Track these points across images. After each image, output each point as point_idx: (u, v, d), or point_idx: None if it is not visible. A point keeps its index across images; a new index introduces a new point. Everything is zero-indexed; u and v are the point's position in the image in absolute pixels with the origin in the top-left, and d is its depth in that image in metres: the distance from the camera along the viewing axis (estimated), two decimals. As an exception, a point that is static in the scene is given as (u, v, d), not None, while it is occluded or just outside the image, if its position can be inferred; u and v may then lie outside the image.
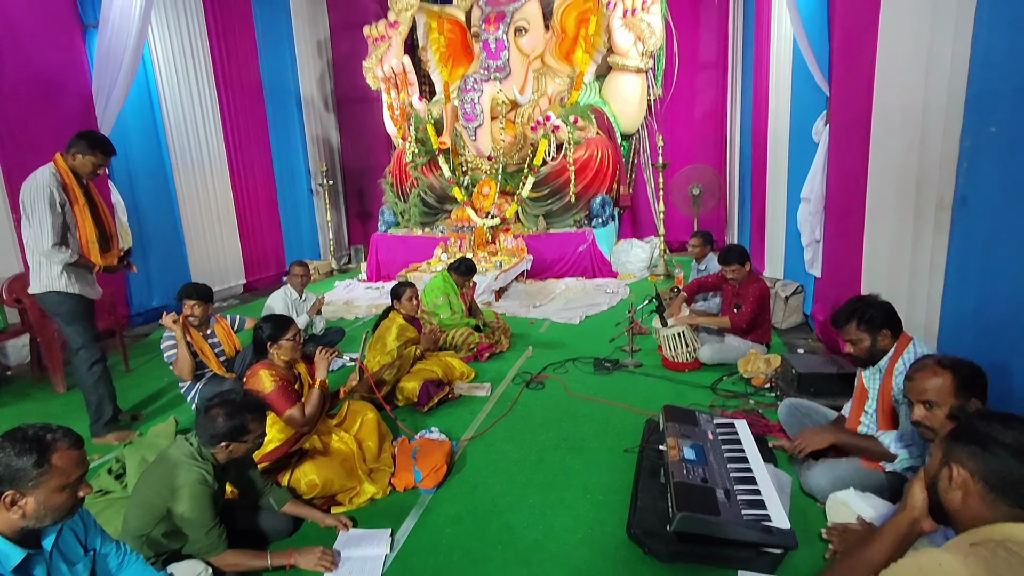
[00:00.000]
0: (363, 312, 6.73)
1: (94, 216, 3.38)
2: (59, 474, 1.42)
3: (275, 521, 2.45)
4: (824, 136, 4.53)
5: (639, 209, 10.00)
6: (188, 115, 7.40)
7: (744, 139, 8.36)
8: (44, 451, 1.40)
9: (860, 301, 2.47)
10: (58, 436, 1.45)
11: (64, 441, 1.45)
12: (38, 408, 4.14)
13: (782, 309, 5.20)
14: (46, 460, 1.40)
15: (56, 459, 1.42)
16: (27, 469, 1.37)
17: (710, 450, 2.58)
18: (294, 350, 2.89)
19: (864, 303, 2.44)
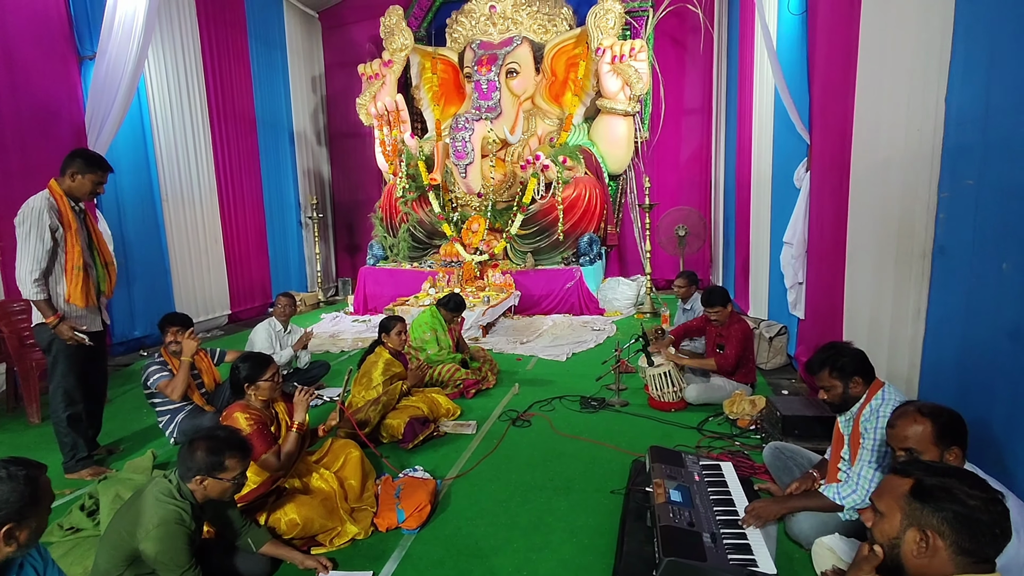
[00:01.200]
0: (349, 345, 6.68)
1: (90, 244, 3.35)
2: (46, 500, 1.47)
3: (252, 563, 2.37)
4: (805, 182, 4.66)
5: (626, 248, 10.13)
6: (180, 146, 7.44)
7: (728, 182, 8.55)
8: (34, 482, 1.44)
9: (832, 349, 2.50)
10: (35, 467, 1.49)
11: (39, 469, 1.49)
12: (9, 439, 4.03)
13: (766, 350, 5.25)
14: (37, 489, 1.43)
15: (43, 489, 1.47)
16: (25, 502, 1.40)
17: (696, 492, 2.57)
18: (272, 390, 2.81)
19: (836, 351, 2.47)
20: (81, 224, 3.29)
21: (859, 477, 2.29)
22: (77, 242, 3.22)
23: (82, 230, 3.29)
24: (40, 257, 3.09)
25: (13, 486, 1.39)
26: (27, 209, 3.11)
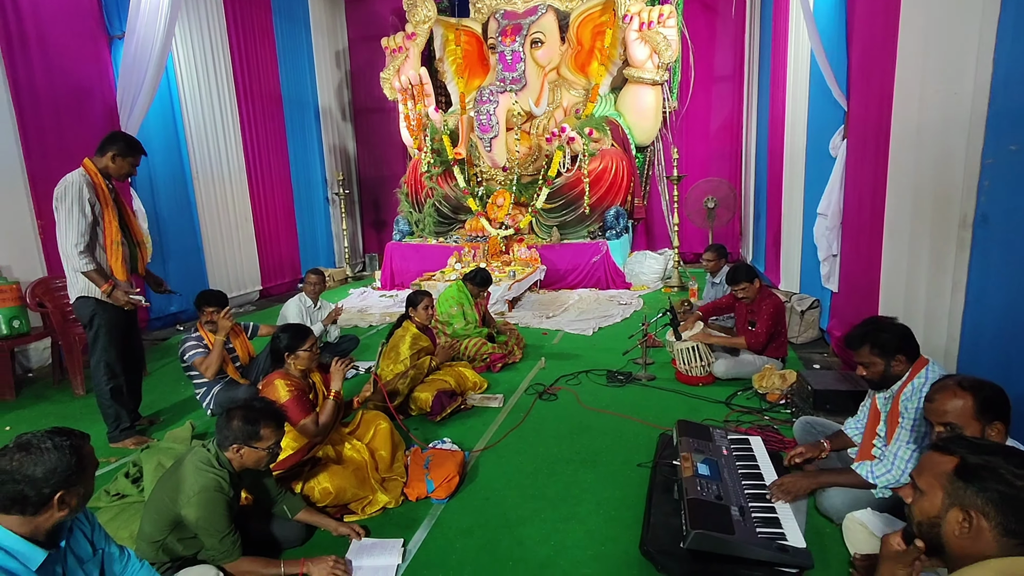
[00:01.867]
0: (377, 320, 6.77)
1: (121, 223, 3.44)
2: (91, 466, 1.54)
3: (288, 529, 2.46)
4: (841, 151, 4.51)
5: (653, 221, 9.98)
6: (209, 124, 7.52)
7: (760, 152, 8.33)
8: (79, 451, 1.50)
9: (874, 324, 2.40)
10: (78, 437, 1.54)
11: (82, 438, 1.55)
12: (57, 410, 4.21)
13: (798, 323, 5.16)
14: (83, 456, 1.50)
15: (87, 455, 1.52)
16: (72, 471, 1.46)
17: (724, 466, 2.56)
18: (311, 360, 2.92)
19: (878, 327, 2.38)
20: (114, 202, 3.38)
21: (895, 457, 2.24)
22: (113, 218, 3.33)
23: (115, 208, 3.38)
24: (84, 230, 3.19)
25: (60, 456, 1.45)
26: (66, 184, 3.20)
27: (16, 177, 5.04)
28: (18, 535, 1.42)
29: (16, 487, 1.40)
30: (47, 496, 1.43)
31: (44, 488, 1.42)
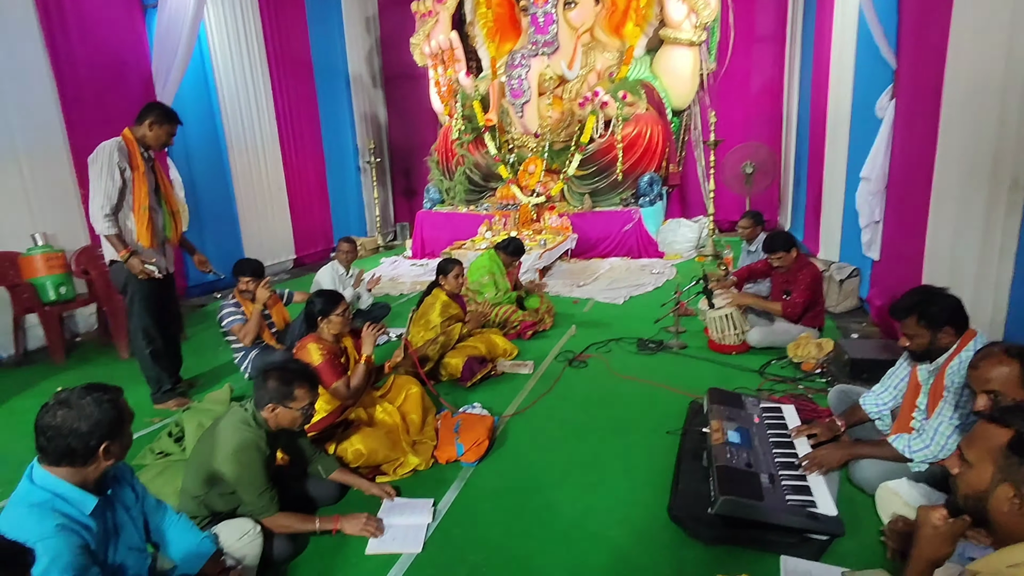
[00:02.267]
0: (408, 288, 6.83)
1: (156, 191, 3.51)
2: (128, 417, 1.62)
3: (323, 488, 2.54)
4: (889, 112, 4.29)
5: (688, 188, 9.75)
6: (242, 93, 7.58)
7: (802, 115, 8.01)
8: (116, 403, 1.57)
9: (924, 294, 2.29)
10: (114, 391, 1.61)
11: (117, 392, 1.62)
12: (104, 373, 4.40)
13: (836, 292, 5.01)
14: (121, 411, 1.57)
15: (123, 408, 1.59)
16: (114, 422, 1.54)
17: (755, 434, 2.53)
18: (343, 325, 2.97)
19: (928, 297, 2.26)
20: (149, 170, 3.45)
21: (935, 432, 2.17)
22: (144, 184, 3.39)
23: (150, 175, 3.45)
24: (111, 194, 3.27)
25: (103, 409, 1.53)
26: (99, 149, 3.29)
27: (59, 148, 5.18)
28: (71, 484, 1.51)
29: (64, 441, 1.47)
30: (93, 448, 1.50)
31: (90, 441, 1.49)
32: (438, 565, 2.14)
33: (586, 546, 2.20)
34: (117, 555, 1.61)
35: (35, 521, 1.41)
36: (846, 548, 2.08)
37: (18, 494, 1.50)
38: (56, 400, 1.52)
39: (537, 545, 2.22)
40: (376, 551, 2.22)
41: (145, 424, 3.45)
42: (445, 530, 2.34)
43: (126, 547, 1.64)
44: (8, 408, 3.81)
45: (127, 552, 1.65)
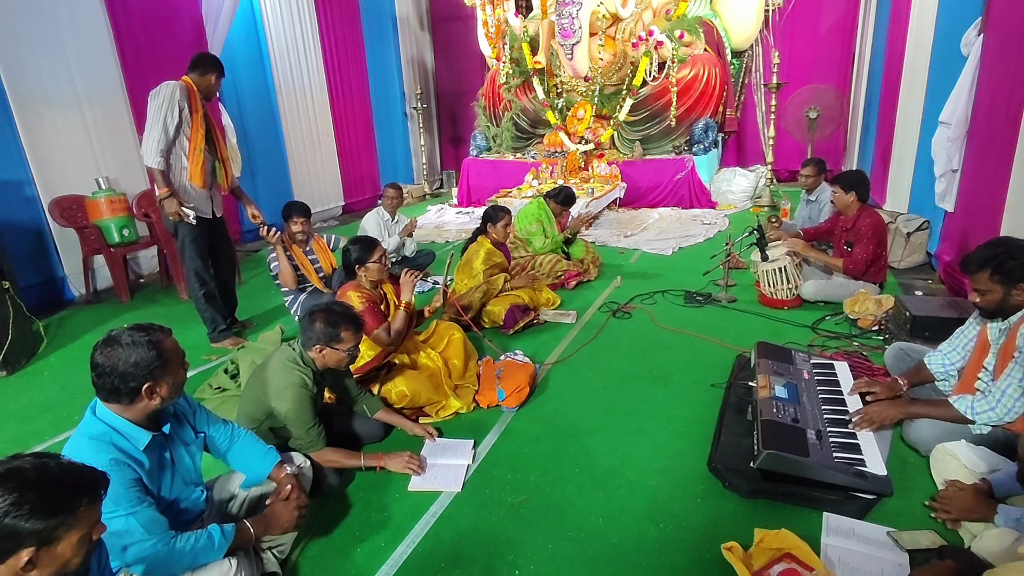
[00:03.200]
0: (453, 236, 6.85)
1: (208, 138, 3.59)
2: (175, 358, 1.62)
3: (368, 426, 2.62)
4: (976, 48, 3.91)
5: (746, 135, 9.29)
6: (289, 36, 7.55)
7: (876, 54, 7.41)
8: (158, 345, 1.58)
9: (1001, 247, 2.10)
10: (156, 330, 1.62)
11: (161, 333, 1.62)
12: (165, 312, 4.63)
13: (902, 246, 4.73)
14: (162, 351, 1.58)
15: (167, 347, 1.60)
16: (153, 364, 1.55)
17: (804, 390, 2.45)
18: (380, 272, 2.98)
19: (1005, 250, 2.08)
20: (204, 117, 3.53)
21: (1002, 394, 2.03)
22: (200, 127, 3.48)
23: (204, 121, 3.53)
24: (169, 129, 3.35)
25: (139, 351, 1.54)
26: (163, 86, 3.37)
27: (117, 94, 5.32)
28: (125, 419, 1.58)
29: (109, 379, 1.52)
30: (135, 389, 1.54)
31: (131, 382, 1.53)
32: (477, 504, 2.19)
33: (623, 493, 2.21)
34: (173, 489, 1.68)
35: (92, 453, 1.48)
36: (893, 508, 2.02)
37: (82, 425, 1.57)
38: (104, 339, 1.56)
39: (574, 490, 2.25)
40: (418, 488, 2.29)
41: (203, 361, 3.63)
42: (484, 472, 2.39)
43: (182, 481, 1.71)
44: (82, 343, 4.07)
45: (183, 486, 1.72)
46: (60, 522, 1.07)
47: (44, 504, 1.05)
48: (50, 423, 2.99)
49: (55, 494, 1.08)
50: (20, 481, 1.05)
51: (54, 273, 4.88)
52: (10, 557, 1.04)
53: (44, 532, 1.05)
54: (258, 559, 1.80)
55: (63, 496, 1.09)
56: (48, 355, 3.86)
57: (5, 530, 1.02)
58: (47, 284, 4.81)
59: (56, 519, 1.06)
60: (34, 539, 1.04)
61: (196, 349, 3.78)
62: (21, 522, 1.03)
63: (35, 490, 1.05)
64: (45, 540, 1.06)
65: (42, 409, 3.14)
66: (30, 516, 1.03)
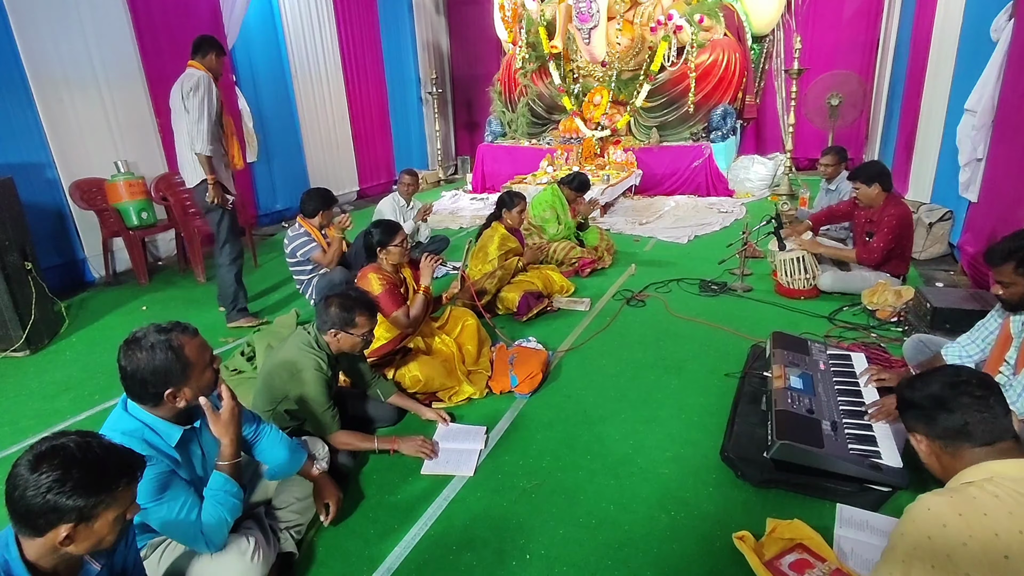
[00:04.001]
0: (467, 222, 6.84)
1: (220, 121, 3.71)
2: (198, 361, 1.58)
3: (381, 410, 2.65)
4: (1006, 33, 3.79)
5: (765, 122, 9.14)
6: (306, 22, 7.54)
7: (901, 39, 7.23)
8: (179, 350, 1.53)
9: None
10: (177, 332, 1.56)
11: (185, 335, 1.57)
12: (183, 295, 4.69)
13: (924, 237, 4.65)
14: (183, 356, 1.54)
15: (189, 352, 1.55)
16: (173, 369, 1.52)
17: (820, 381, 2.43)
18: (402, 255, 3.01)
19: None
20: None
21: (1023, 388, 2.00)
22: (227, 113, 3.66)
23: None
24: (213, 118, 3.57)
25: (159, 356, 1.50)
26: (198, 79, 3.53)
27: (135, 78, 5.35)
28: (155, 415, 1.57)
29: (134, 384, 1.52)
30: (157, 394, 1.52)
31: (151, 389, 1.51)
32: (488, 489, 2.21)
33: (634, 480, 2.22)
34: (207, 474, 1.67)
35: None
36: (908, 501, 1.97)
37: (113, 420, 1.56)
38: (128, 340, 1.53)
39: (585, 476, 2.26)
40: (430, 472, 2.31)
41: (220, 343, 3.68)
42: (496, 457, 2.41)
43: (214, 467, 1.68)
44: (103, 324, 4.14)
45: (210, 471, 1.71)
46: (100, 500, 1.10)
47: (87, 482, 1.08)
48: (71, 402, 3.05)
49: (97, 473, 1.10)
50: (65, 458, 1.08)
51: (75, 255, 4.96)
52: (50, 531, 1.07)
53: (84, 509, 1.08)
54: (275, 539, 1.83)
55: (105, 475, 1.11)
56: (70, 335, 3.93)
57: (48, 505, 1.05)
58: (68, 266, 4.89)
59: (97, 497, 1.09)
60: (74, 515, 1.07)
61: (213, 331, 3.82)
62: (63, 499, 1.06)
63: (79, 468, 1.08)
64: (85, 517, 1.09)
65: (63, 388, 3.21)
66: (72, 493, 1.06)
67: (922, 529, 1.12)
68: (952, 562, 1.06)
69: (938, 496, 1.16)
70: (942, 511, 1.11)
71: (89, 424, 2.85)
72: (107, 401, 3.03)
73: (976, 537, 1.06)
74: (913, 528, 1.14)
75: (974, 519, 1.08)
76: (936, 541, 1.09)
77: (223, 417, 1.63)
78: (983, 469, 1.19)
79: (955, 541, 1.07)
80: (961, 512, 1.09)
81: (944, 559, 1.07)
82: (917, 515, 1.15)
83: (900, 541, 1.16)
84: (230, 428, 1.64)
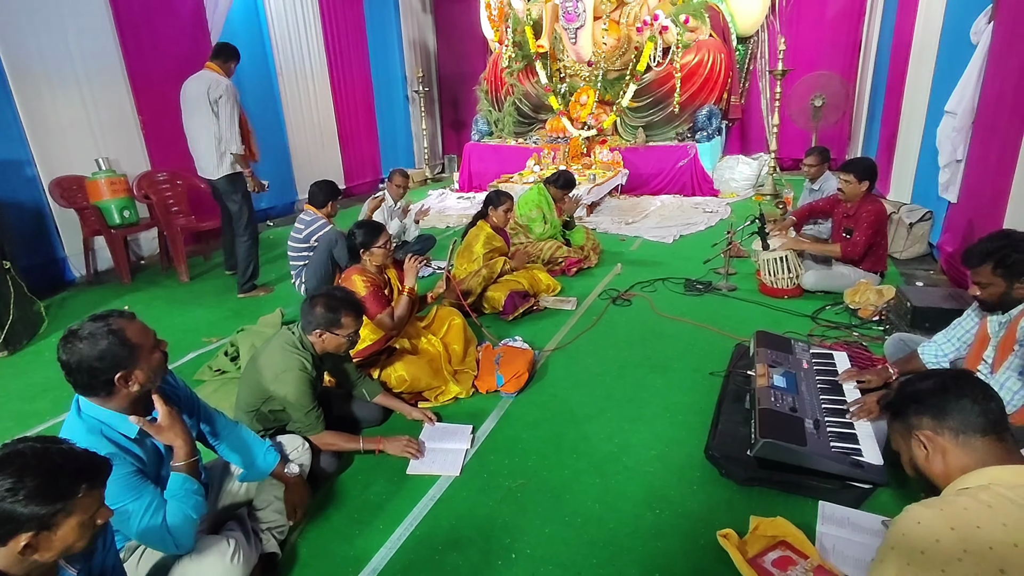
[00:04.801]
0: (454, 222, 6.83)
1: None
2: (143, 342, 1.54)
3: (367, 410, 2.64)
4: (985, 36, 3.87)
5: (750, 122, 9.21)
6: (291, 19, 7.46)
7: (883, 41, 7.33)
8: (119, 333, 1.50)
9: (1004, 240, 2.08)
10: (115, 317, 1.53)
11: (123, 319, 1.54)
12: (166, 294, 4.63)
13: (904, 237, 4.72)
14: (126, 339, 1.50)
15: (131, 335, 1.52)
16: (118, 353, 1.48)
17: (803, 379, 2.46)
18: (385, 257, 2.99)
19: (1008, 243, 2.05)
20: None
21: (1001, 387, 2.02)
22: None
23: None
24: (238, 122, 4.16)
25: (100, 344, 1.47)
26: (227, 86, 4.10)
27: (117, 74, 5.26)
28: (109, 410, 1.53)
29: (81, 376, 1.48)
30: (107, 381, 1.48)
31: (100, 375, 1.47)
32: (475, 488, 2.21)
33: (620, 479, 2.23)
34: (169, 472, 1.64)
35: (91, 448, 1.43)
36: (889, 497, 2.03)
37: (68, 426, 1.52)
38: (64, 336, 1.50)
39: (571, 475, 2.26)
40: (416, 472, 2.31)
41: (203, 343, 3.64)
42: (483, 456, 2.41)
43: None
44: (82, 323, 4.07)
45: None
46: (59, 508, 1.07)
47: (42, 490, 1.05)
48: (51, 403, 3.00)
49: (54, 480, 1.07)
50: (19, 466, 1.05)
51: (55, 254, 4.87)
52: (9, 540, 1.04)
53: (44, 517, 1.05)
54: (257, 540, 1.82)
55: (62, 482, 1.08)
56: (49, 335, 3.87)
57: (2, 514, 1.02)
58: (48, 265, 4.80)
59: (55, 505, 1.06)
60: (34, 524, 1.05)
61: (196, 331, 3.79)
62: (18, 507, 1.03)
63: (34, 475, 1.05)
64: (45, 525, 1.06)
65: (43, 389, 3.16)
66: (28, 501, 1.03)
67: (915, 544, 1.07)
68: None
69: (928, 509, 1.11)
70: (934, 525, 1.07)
71: (69, 426, 2.80)
72: (87, 402, 2.98)
73: (971, 552, 1.03)
74: (905, 543, 1.09)
75: (967, 532, 1.04)
76: (929, 556, 1.05)
77: (162, 424, 1.57)
78: (983, 475, 1.15)
79: (950, 556, 1.03)
80: (954, 526, 1.05)
81: (939, 574, 1.04)
82: (908, 529, 1.10)
83: (890, 555, 1.11)
84: (171, 433, 1.58)
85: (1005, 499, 1.06)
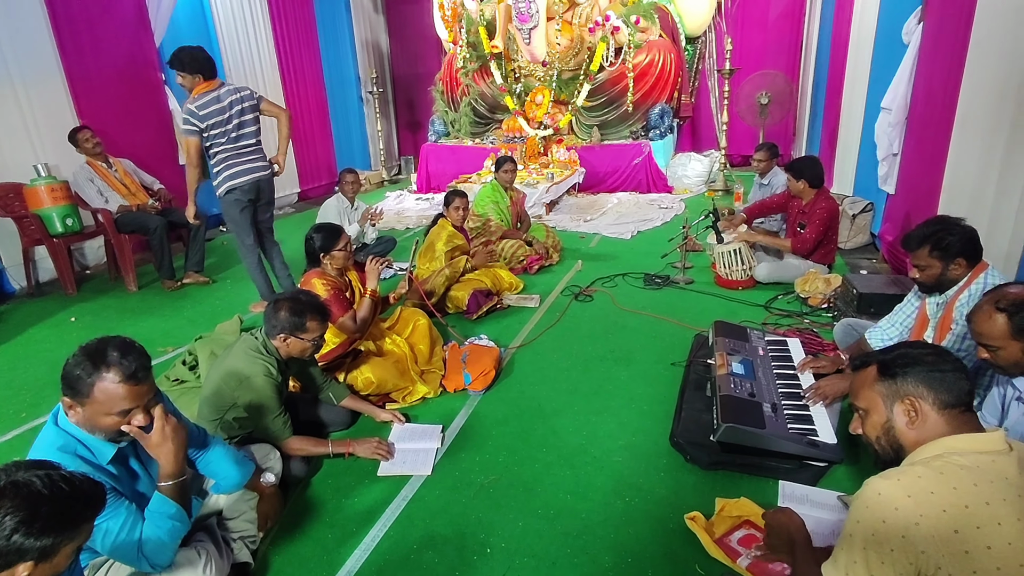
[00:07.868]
0: (413, 223, 6.79)
1: None
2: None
3: (334, 414, 2.61)
4: (916, 36, 4.09)
5: (700, 120, 9.47)
6: (239, 19, 7.27)
7: (822, 41, 7.65)
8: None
9: (939, 225, 2.22)
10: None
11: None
12: (115, 304, 4.46)
13: (848, 228, 4.94)
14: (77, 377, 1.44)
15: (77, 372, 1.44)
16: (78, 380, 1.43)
17: (760, 366, 2.56)
18: (345, 259, 2.95)
19: (943, 227, 2.20)
20: None
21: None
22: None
23: None
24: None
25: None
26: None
27: (54, 76, 5.02)
28: (86, 432, 1.48)
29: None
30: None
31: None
32: (447, 487, 2.22)
33: (589, 470, 2.28)
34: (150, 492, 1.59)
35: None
36: (843, 473, 2.14)
37: (45, 437, 1.49)
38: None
39: (542, 468, 2.30)
40: (387, 473, 2.30)
41: (159, 353, 3.52)
42: (453, 454, 2.42)
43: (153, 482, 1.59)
44: (26, 337, 3.89)
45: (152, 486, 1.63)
46: (65, 537, 1.04)
47: (55, 521, 1.02)
48: (-5, 421, 2.86)
49: (67, 510, 1.04)
50: (30, 496, 1.01)
51: (-9, 266, 4.63)
52: (7, 570, 1.00)
53: (49, 547, 1.02)
54: (228, 550, 1.78)
55: (74, 512, 1.06)
56: (-11, 351, 3.68)
57: (11, 547, 0.98)
58: (-16, 277, 4.56)
59: (63, 535, 1.03)
60: (35, 554, 1.01)
61: (151, 341, 3.65)
62: (32, 540, 0.99)
63: (48, 505, 1.02)
64: (46, 554, 1.02)
65: (-14, 407, 3.00)
66: (41, 534, 1.00)
67: (876, 514, 1.15)
68: (908, 542, 1.11)
69: (885, 480, 1.18)
70: (892, 494, 1.14)
71: (18, 444, 2.68)
72: (35, 419, 2.85)
73: (926, 515, 1.10)
74: (868, 514, 1.16)
75: (922, 498, 1.12)
76: (890, 524, 1.12)
77: (153, 439, 1.52)
78: (938, 445, 1.21)
79: (908, 522, 1.11)
80: (910, 493, 1.13)
81: (900, 540, 1.11)
82: (869, 501, 1.17)
83: (856, 528, 1.18)
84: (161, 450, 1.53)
85: (955, 465, 1.15)
